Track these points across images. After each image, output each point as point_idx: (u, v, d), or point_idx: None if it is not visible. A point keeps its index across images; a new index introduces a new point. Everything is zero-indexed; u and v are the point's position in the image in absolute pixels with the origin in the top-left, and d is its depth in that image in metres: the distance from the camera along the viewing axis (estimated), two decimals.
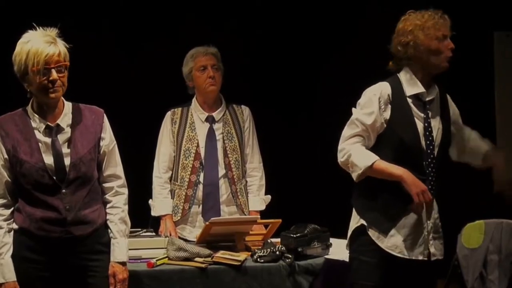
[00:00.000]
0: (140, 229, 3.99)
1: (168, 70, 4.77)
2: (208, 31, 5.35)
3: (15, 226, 3.18)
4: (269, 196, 4.46)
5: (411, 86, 3.41)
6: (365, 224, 3.41)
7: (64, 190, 3.15)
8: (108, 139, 3.29)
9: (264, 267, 3.68)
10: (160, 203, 4.32)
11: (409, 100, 3.40)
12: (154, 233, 4.04)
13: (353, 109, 3.42)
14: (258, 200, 4.42)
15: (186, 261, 3.67)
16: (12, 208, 3.20)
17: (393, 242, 3.38)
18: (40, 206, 3.14)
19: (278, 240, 3.84)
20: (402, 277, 3.40)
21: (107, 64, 3.43)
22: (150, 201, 4.37)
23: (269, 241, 3.87)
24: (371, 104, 3.35)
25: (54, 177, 3.14)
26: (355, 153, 3.32)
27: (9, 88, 4.97)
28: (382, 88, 3.39)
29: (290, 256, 3.70)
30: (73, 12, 5.07)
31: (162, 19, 5.56)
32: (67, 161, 3.16)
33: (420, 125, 3.39)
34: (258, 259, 3.70)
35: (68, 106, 3.24)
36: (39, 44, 3.07)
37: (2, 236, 3.15)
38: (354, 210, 3.49)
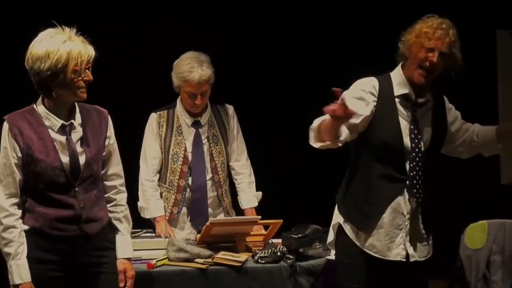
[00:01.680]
0: (140, 230, 3.97)
1: (156, 69, 4.72)
2: (201, 30, 5.33)
3: (25, 226, 3.17)
4: (260, 193, 4.42)
5: (400, 86, 3.39)
6: (343, 222, 3.41)
7: (77, 189, 3.17)
8: (112, 138, 3.33)
9: (265, 268, 3.67)
10: (154, 205, 4.27)
11: (397, 100, 3.37)
12: (154, 234, 4.02)
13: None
14: (250, 197, 4.39)
15: (186, 262, 3.66)
16: (22, 208, 3.19)
17: (370, 242, 3.37)
18: (54, 205, 3.15)
19: (279, 240, 3.83)
20: (388, 278, 3.39)
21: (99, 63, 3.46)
22: (139, 204, 4.29)
23: (270, 242, 3.86)
24: (360, 96, 3.32)
25: (69, 176, 3.15)
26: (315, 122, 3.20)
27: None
28: (371, 83, 3.37)
29: (291, 257, 3.69)
30: (71, 11, 5.04)
31: (157, 17, 5.54)
32: (81, 159, 3.18)
33: (404, 125, 3.36)
34: (259, 260, 3.69)
35: (75, 105, 3.25)
36: (79, 45, 3.12)
37: (18, 236, 3.14)
38: (335, 208, 3.50)
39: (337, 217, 3.48)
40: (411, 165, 3.35)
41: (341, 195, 3.49)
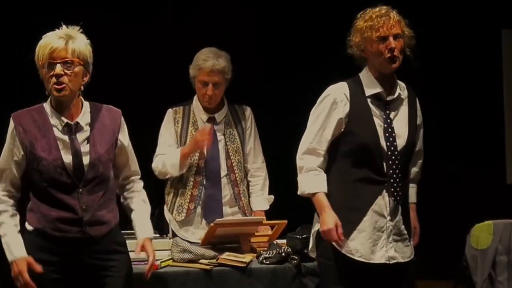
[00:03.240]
0: None
1: (156, 70, 4.71)
2: (202, 30, 5.32)
3: (29, 227, 3.17)
4: (272, 196, 4.42)
5: (370, 85, 3.37)
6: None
7: (81, 190, 3.14)
8: (127, 140, 3.31)
9: (270, 269, 3.65)
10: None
11: (369, 100, 3.36)
12: (158, 235, 4.01)
13: (311, 116, 3.43)
14: (262, 200, 4.38)
15: (190, 263, 3.65)
16: (17, 200, 3.19)
17: (353, 247, 3.34)
18: (56, 205, 3.13)
19: (284, 241, 3.82)
20: (370, 280, 3.36)
21: (108, 63, 3.44)
22: (163, 166, 4.23)
23: (274, 242, 3.84)
24: (326, 110, 3.35)
25: (72, 176, 3.13)
26: (306, 177, 3.38)
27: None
28: (340, 90, 3.36)
29: (296, 257, 3.67)
30: (71, 11, 5.04)
31: (157, 18, 5.54)
32: (85, 160, 3.15)
33: (379, 125, 3.34)
34: (264, 261, 3.68)
35: (86, 105, 3.23)
36: (49, 38, 3.09)
37: (7, 218, 3.13)
38: (315, 215, 3.47)
39: (317, 224, 3.44)
40: (388, 164, 3.33)
41: None
